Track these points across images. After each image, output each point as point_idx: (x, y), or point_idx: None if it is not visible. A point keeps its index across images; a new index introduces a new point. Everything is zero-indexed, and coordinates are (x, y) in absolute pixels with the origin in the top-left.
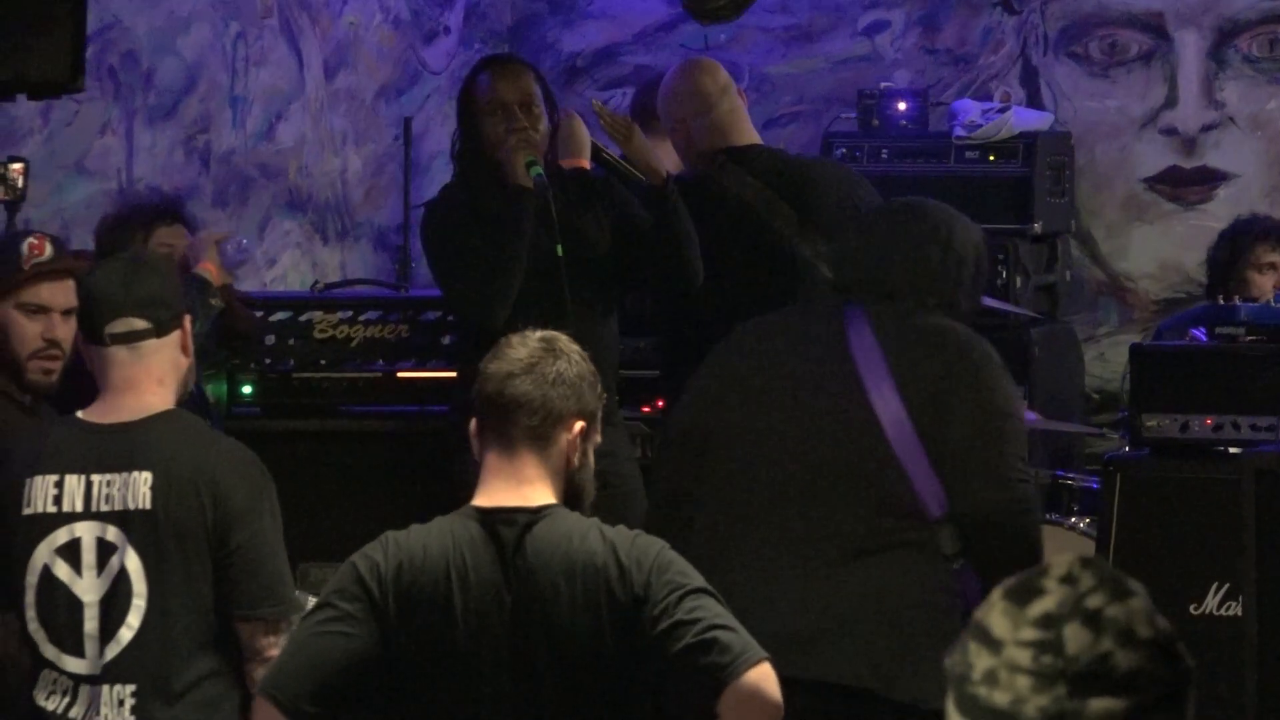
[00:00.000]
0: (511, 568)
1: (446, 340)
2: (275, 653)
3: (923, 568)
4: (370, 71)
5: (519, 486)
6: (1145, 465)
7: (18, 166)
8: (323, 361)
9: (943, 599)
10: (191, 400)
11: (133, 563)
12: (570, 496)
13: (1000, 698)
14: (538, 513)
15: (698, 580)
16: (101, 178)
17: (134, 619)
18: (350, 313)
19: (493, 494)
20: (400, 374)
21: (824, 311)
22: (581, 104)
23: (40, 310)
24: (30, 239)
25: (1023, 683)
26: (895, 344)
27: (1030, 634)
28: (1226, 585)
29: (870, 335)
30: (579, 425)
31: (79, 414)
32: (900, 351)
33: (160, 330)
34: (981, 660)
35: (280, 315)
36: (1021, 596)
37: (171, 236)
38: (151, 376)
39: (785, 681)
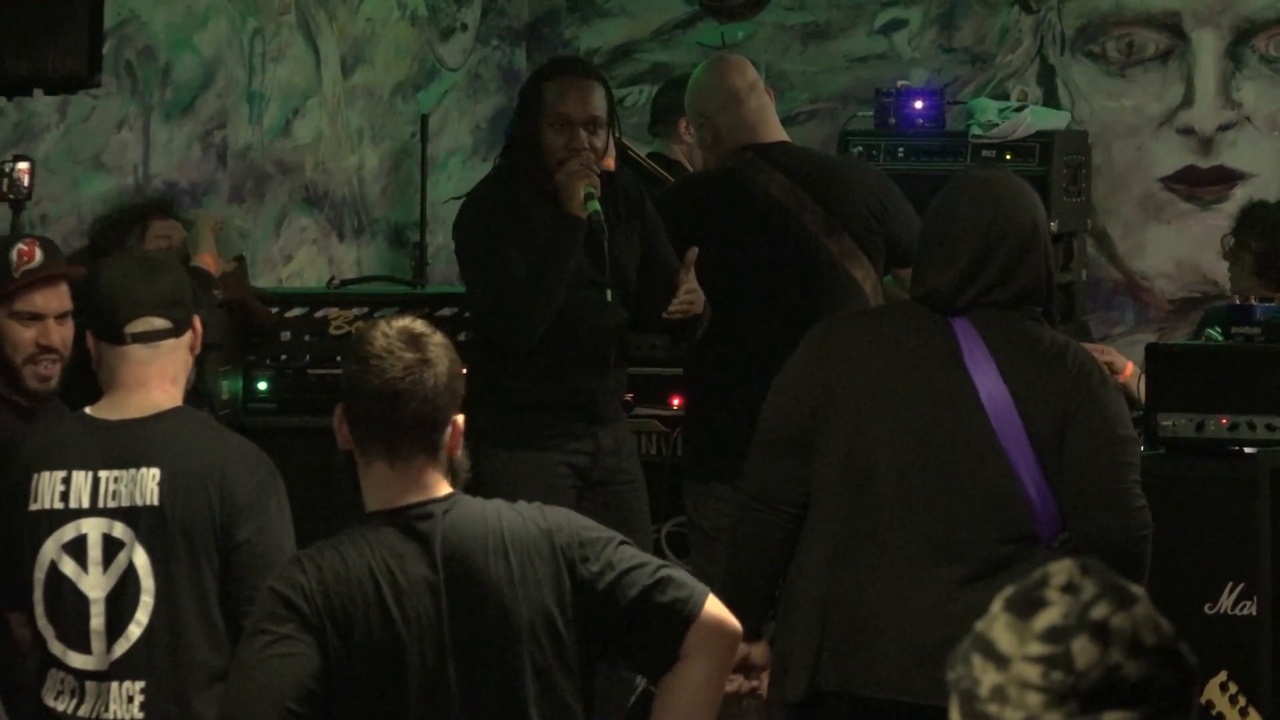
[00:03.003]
0: (438, 558)
1: (462, 337)
2: None
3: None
4: (387, 68)
5: (419, 486)
6: (1161, 464)
7: (24, 166)
8: (338, 358)
9: None
10: (194, 393)
11: (140, 559)
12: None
13: (1012, 715)
14: (447, 501)
15: (615, 532)
16: (118, 173)
17: (143, 615)
18: (366, 309)
19: (391, 497)
20: None
21: (925, 319)
22: None
23: (34, 317)
24: (20, 245)
25: (1034, 700)
26: (1010, 360)
27: (1037, 649)
28: (1241, 584)
29: (984, 349)
30: (460, 419)
31: (87, 410)
32: (1016, 368)
33: (178, 330)
34: (989, 676)
35: (296, 311)
36: (1024, 609)
37: (167, 229)
38: (165, 375)
39: (917, 707)
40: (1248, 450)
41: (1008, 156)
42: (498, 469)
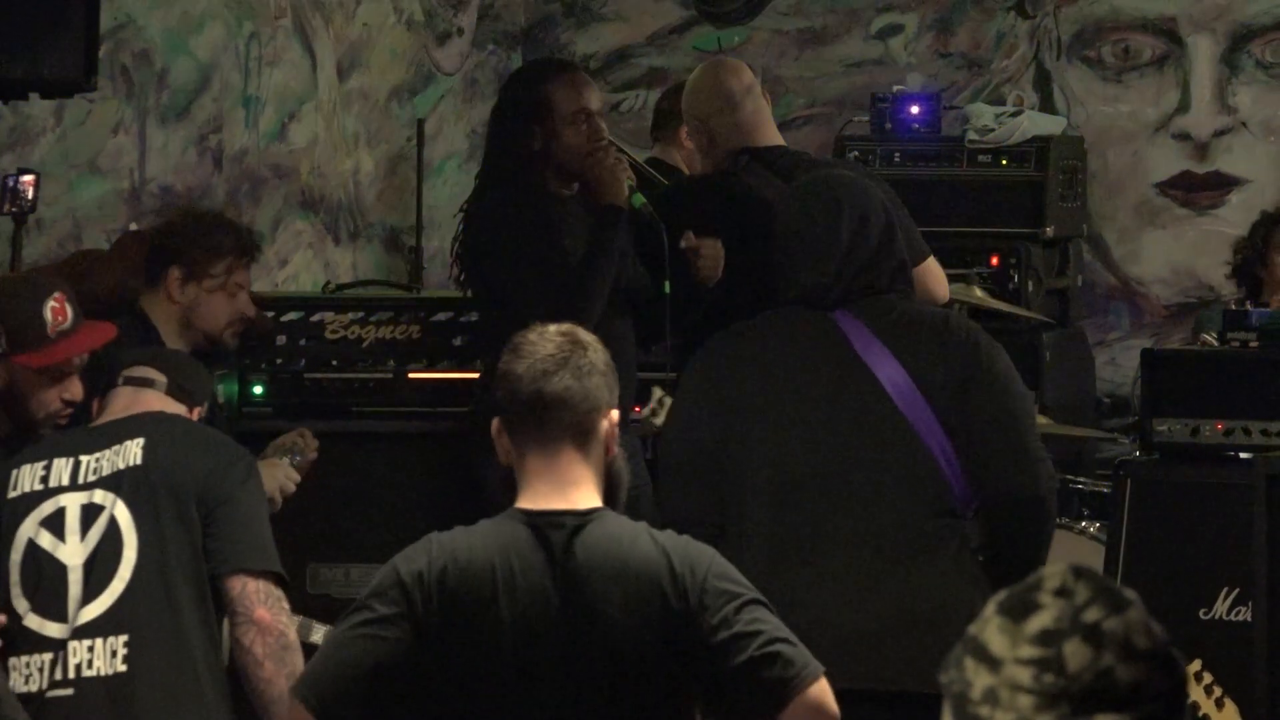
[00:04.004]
0: (561, 572)
1: (458, 341)
2: (265, 615)
3: (964, 564)
4: (383, 72)
5: (564, 488)
6: (1156, 470)
7: (28, 179)
8: (334, 362)
9: (981, 593)
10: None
11: (123, 515)
12: (609, 489)
13: (1003, 717)
14: (586, 515)
15: (752, 590)
16: (114, 177)
17: (125, 570)
18: (362, 313)
19: (537, 497)
20: (411, 375)
21: (807, 320)
22: None
23: (63, 375)
24: (51, 303)
25: (1025, 702)
26: (900, 342)
27: (1029, 651)
28: (1237, 590)
29: (872, 337)
30: (615, 414)
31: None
32: (908, 349)
33: (180, 400)
34: (981, 679)
35: (292, 315)
36: (1017, 612)
37: (245, 279)
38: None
39: (847, 692)
40: (1243, 455)
41: (1004, 162)
42: (499, 473)
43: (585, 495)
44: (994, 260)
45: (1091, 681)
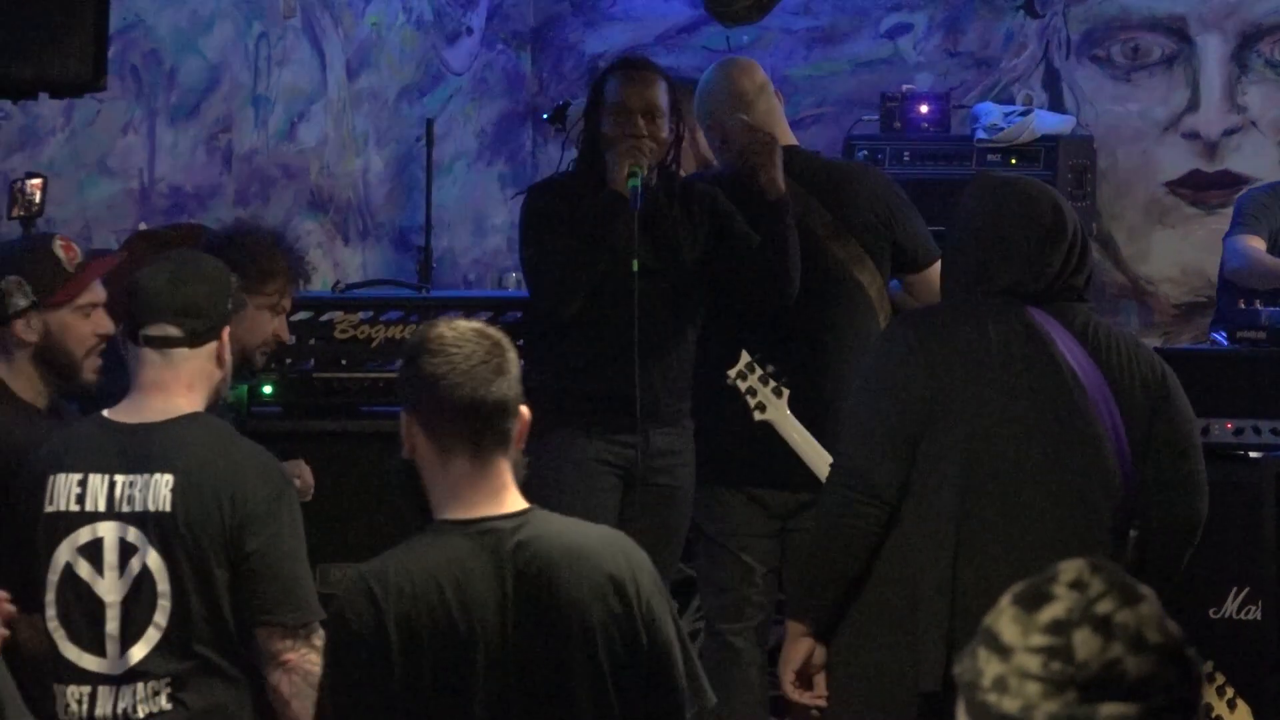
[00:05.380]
0: (510, 574)
1: None
2: (293, 657)
3: None
4: (393, 72)
5: (494, 494)
6: None
7: (36, 182)
8: (343, 361)
9: None
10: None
11: (155, 563)
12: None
13: (1010, 704)
14: (522, 516)
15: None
16: (123, 177)
17: (161, 618)
18: (371, 313)
19: (470, 506)
20: None
21: (1003, 313)
22: None
23: (94, 306)
24: (58, 242)
25: (1032, 689)
26: (1097, 347)
27: (1040, 640)
28: (1246, 589)
29: (1071, 337)
30: (525, 410)
31: (105, 412)
32: (1104, 356)
33: (193, 341)
34: (991, 667)
35: (301, 315)
36: (1031, 602)
37: (289, 304)
38: (180, 382)
39: None
40: (1253, 455)
41: (1013, 161)
42: (532, 459)
43: (514, 497)
44: None
45: (1099, 671)
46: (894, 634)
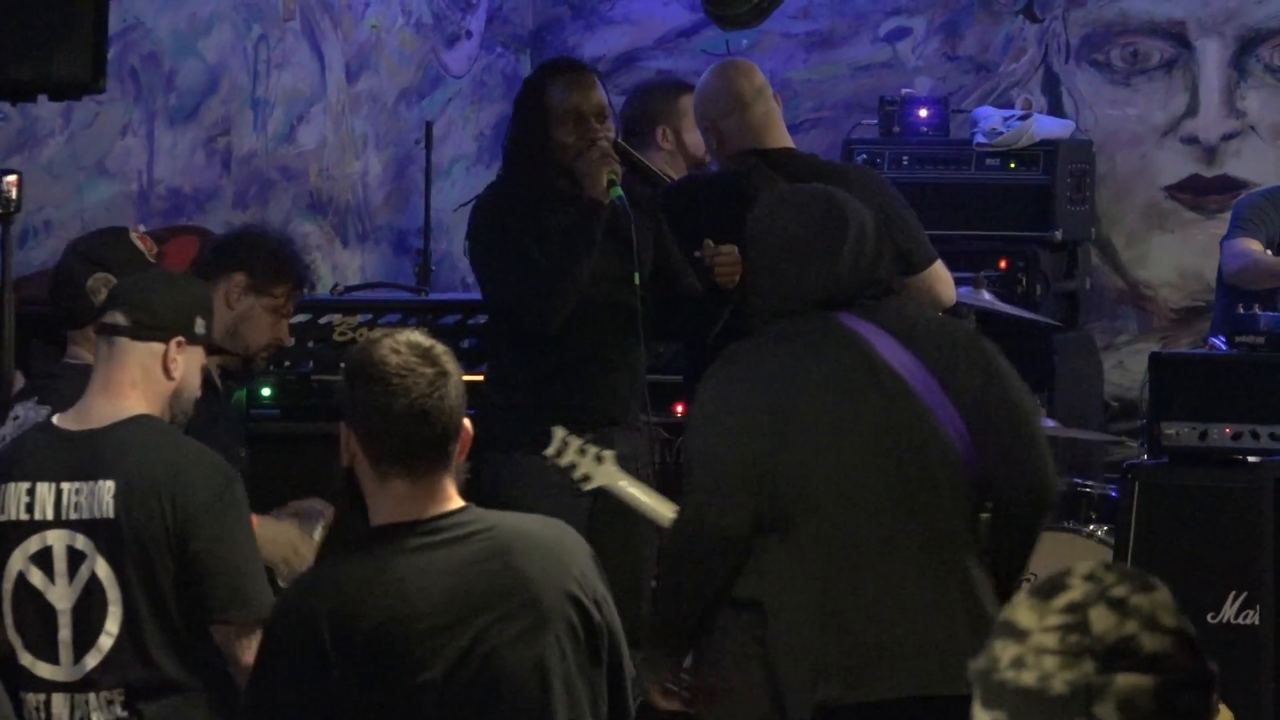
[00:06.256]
0: (458, 568)
1: (465, 344)
2: (249, 657)
3: (985, 564)
4: (392, 75)
5: (434, 500)
6: (1164, 473)
7: (11, 179)
8: (342, 364)
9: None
10: (217, 404)
11: (103, 570)
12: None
13: (1027, 677)
14: (463, 513)
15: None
16: (122, 179)
17: (112, 625)
18: (370, 316)
19: (408, 511)
20: None
21: (819, 326)
22: None
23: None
24: (134, 235)
25: (1050, 662)
26: (916, 342)
27: (1056, 620)
28: (1244, 594)
29: (890, 339)
30: (468, 424)
31: (55, 419)
32: (925, 349)
33: (137, 333)
34: (1008, 651)
35: (300, 318)
36: (1047, 593)
37: (292, 309)
38: (125, 379)
39: (928, 699)
40: (1251, 459)
41: (1012, 165)
42: (497, 473)
43: (453, 498)
44: (1002, 264)
45: (1116, 643)
46: (755, 668)
